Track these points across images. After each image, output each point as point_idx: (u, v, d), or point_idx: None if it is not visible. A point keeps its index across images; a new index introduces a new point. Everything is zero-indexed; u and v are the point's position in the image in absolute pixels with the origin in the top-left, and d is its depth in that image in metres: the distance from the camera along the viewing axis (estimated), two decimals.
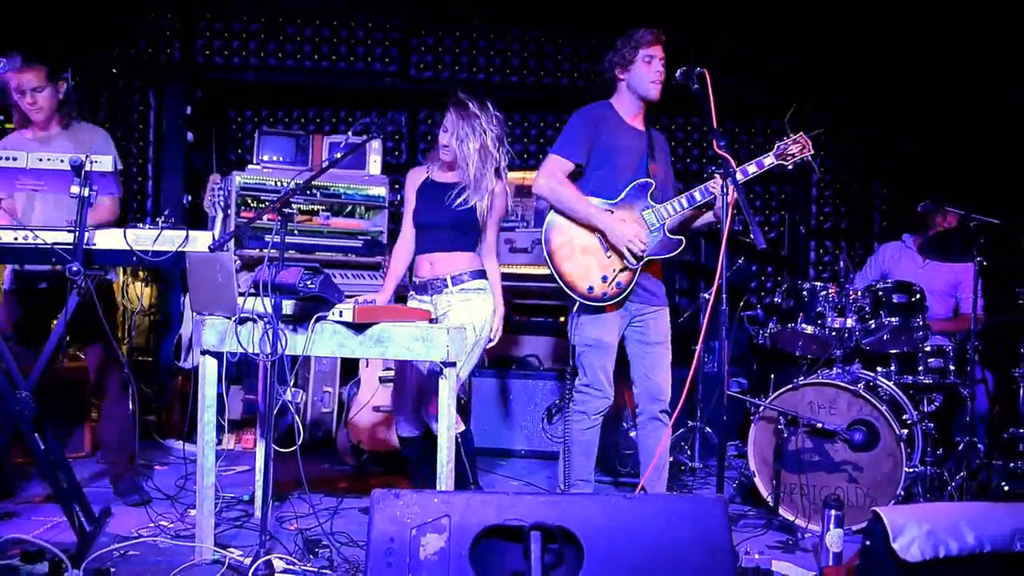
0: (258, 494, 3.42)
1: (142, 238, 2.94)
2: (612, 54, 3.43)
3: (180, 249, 2.94)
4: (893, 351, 4.08)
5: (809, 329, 4.01)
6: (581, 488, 3.43)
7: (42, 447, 2.91)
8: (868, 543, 2.55)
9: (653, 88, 3.35)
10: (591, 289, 3.33)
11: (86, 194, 2.84)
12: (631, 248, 3.27)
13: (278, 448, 3.09)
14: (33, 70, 3.51)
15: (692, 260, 5.52)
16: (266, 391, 2.88)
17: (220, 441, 4.57)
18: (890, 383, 3.89)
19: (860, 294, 3.98)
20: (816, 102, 5.73)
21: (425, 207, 3.48)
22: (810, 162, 3.31)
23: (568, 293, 3.33)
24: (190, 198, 5.68)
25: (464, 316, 3.33)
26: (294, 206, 4.98)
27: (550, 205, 3.40)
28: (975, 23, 5.22)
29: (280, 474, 3.37)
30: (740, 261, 5.11)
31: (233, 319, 2.83)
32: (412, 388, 3.50)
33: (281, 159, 5.17)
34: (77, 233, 2.82)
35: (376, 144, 5.28)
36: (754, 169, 3.26)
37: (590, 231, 3.35)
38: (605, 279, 3.32)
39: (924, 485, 3.73)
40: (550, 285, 5.23)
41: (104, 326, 3.08)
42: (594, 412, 3.42)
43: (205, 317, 2.93)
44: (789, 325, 4.09)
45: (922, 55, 5.58)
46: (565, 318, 5.26)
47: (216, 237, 2.91)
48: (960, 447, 3.87)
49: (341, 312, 2.80)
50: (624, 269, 3.32)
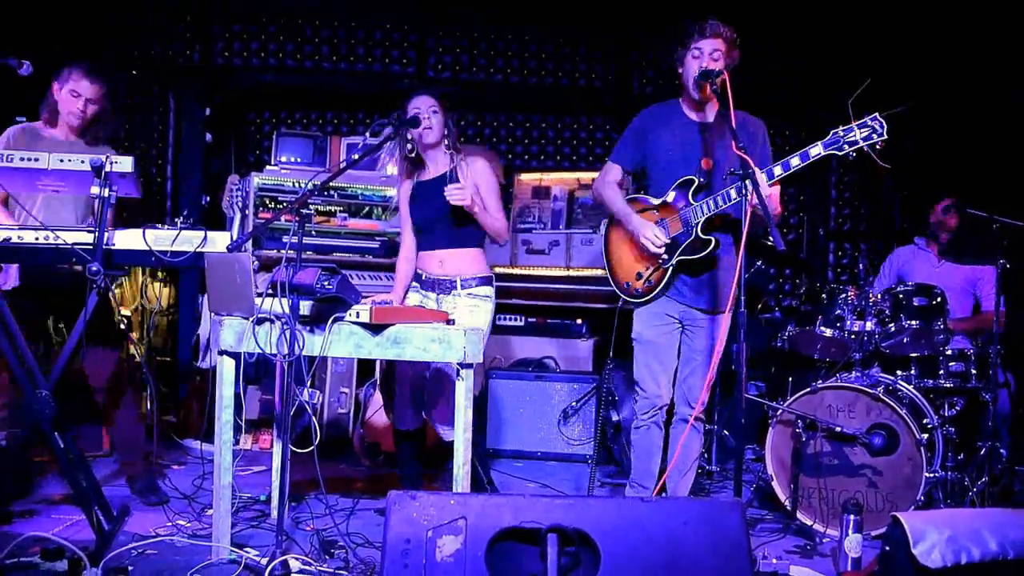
0: (275, 494, 3.43)
1: (161, 239, 2.96)
2: (674, 47, 3.34)
3: (198, 250, 2.95)
4: (913, 354, 4.04)
5: (828, 332, 3.98)
6: (637, 491, 3.43)
7: (61, 446, 2.93)
8: (888, 549, 2.53)
9: (692, 83, 3.26)
10: (627, 285, 3.43)
11: (106, 194, 2.86)
12: (646, 246, 3.29)
13: (295, 449, 3.09)
14: (98, 83, 3.60)
15: None
16: (283, 392, 2.89)
17: (237, 441, 4.59)
18: (910, 387, 3.85)
19: (880, 297, 3.95)
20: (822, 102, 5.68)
21: (420, 207, 3.55)
22: (874, 156, 3.02)
23: (617, 292, 3.50)
24: (209, 199, 5.72)
25: (469, 322, 3.38)
26: (311, 207, 4.99)
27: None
28: (994, 21, 5.17)
29: (297, 474, 3.38)
30: (759, 263, 5.08)
31: (251, 319, 2.84)
32: (407, 380, 3.55)
33: (299, 160, 5.19)
34: (97, 233, 2.84)
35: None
36: (797, 162, 3.08)
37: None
38: (640, 276, 3.39)
39: (945, 490, 3.68)
40: (567, 287, 5.28)
41: (119, 326, 3.09)
42: (641, 412, 3.41)
43: (223, 317, 2.94)
44: (808, 328, 4.06)
45: (941, 55, 5.53)
46: (582, 320, 5.29)
47: (234, 238, 2.93)
48: (982, 452, 3.83)
49: (358, 313, 2.81)
50: (656, 268, 3.34)
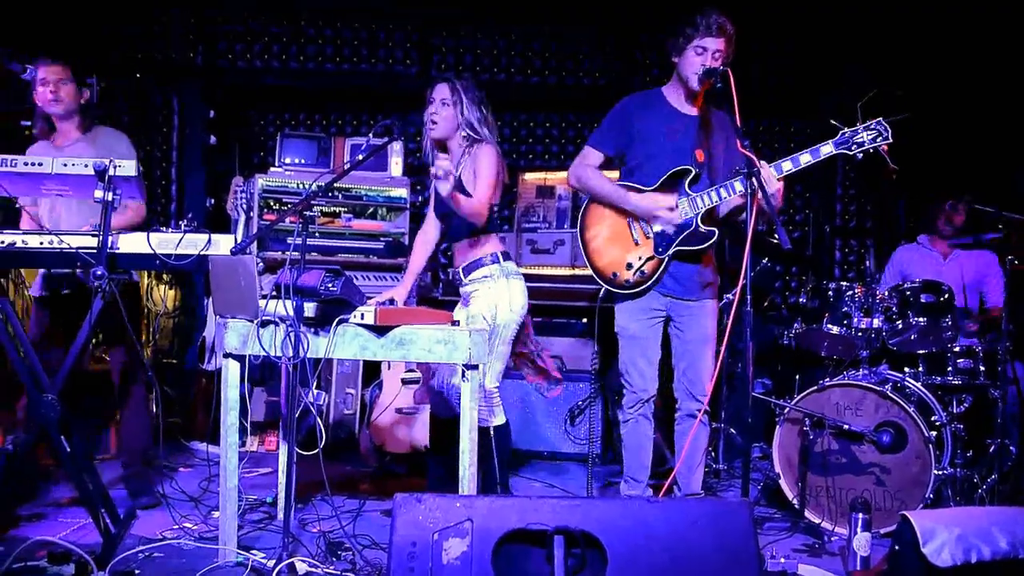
0: (281, 496, 3.43)
1: (165, 242, 2.96)
2: (672, 36, 3.31)
3: (202, 252, 2.95)
4: (921, 351, 4.02)
5: (835, 329, 3.96)
6: (632, 486, 3.41)
7: (68, 450, 2.93)
8: (897, 548, 2.51)
9: (695, 79, 3.23)
10: (615, 275, 3.35)
11: (110, 198, 2.86)
12: (658, 215, 3.23)
13: (301, 451, 3.09)
14: (59, 64, 3.59)
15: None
16: (288, 394, 2.89)
17: (243, 443, 4.60)
18: (918, 384, 3.83)
19: (887, 294, 3.93)
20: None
21: (439, 199, 3.42)
22: (883, 155, 3.04)
23: (597, 280, 3.40)
24: (213, 201, 5.72)
25: (473, 308, 3.31)
26: (316, 208, 4.99)
27: (588, 195, 3.45)
28: (1001, 18, 5.14)
29: (303, 476, 3.38)
30: (765, 261, 5.06)
31: (255, 322, 2.84)
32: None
33: (303, 161, 5.18)
34: (101, 237, 2.84)
35: (398, 146, 5.29)
36: (808, 158, 3.07)
37: (621, 218, 3.35)
38: (630, 266, 3.32)
39: (954, 488, 3.66)
40: (572, 286, 5.26)
41: (128, 328, 3.09)
42: (628, 405, 3.40)
43: (227, 320, 2.94)
44: (814, 325, 4.05)
45: (945, 50, 5.50)
46: (588, 319, 5.28)
47: (238, 240, 2.93)
48: (991, 449, 3.81)
49: (363, 315, 2.80)
50: (650, 258, 3.29)
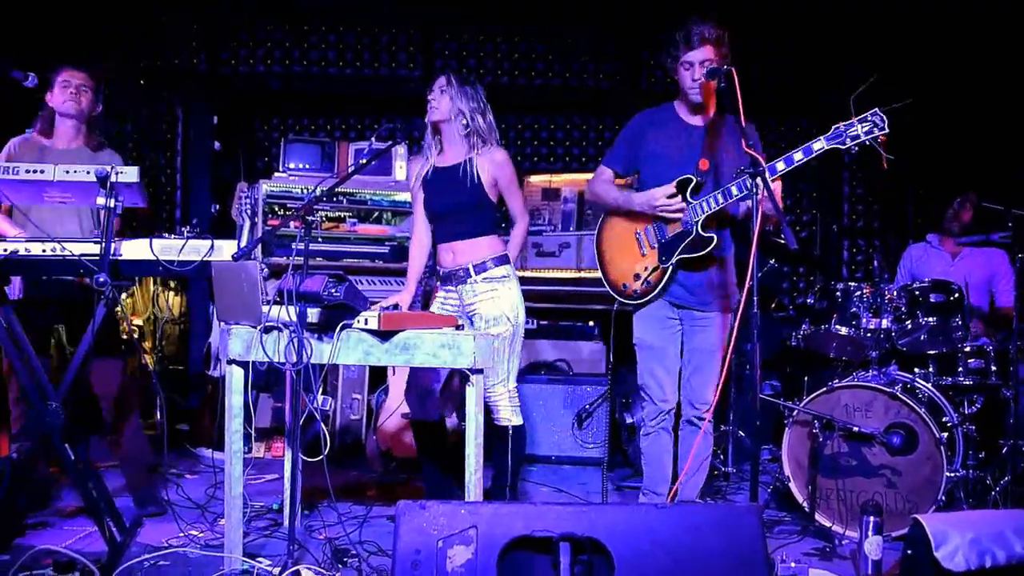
0: (287, 503, 3.41)
1: (168, 248, 2.95)
2: (665, 55, 3.34)
3: (205, 259, 2.94)
4: (931, 352, 3.98)
5: (843, 330, 3.92)
6: (651, 499, 3.39)
7: (72, 458, 2.92)
8: (910, 552, 2.48)
9: (691, 93, 3.26)
10: (625, 287, 3.40)
11: (112, 205, 2.85)
12: (663, 207, 3.24)
13: (306, 458, 3.07)
14: (85, 71, 3.62)
15: None
16: (292, 400, 2.87)
17: (249, 449, 4.58)
18: (928, 385, 3.79)
19: (896, 294, 3.89)
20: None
21: (435, 195, 3.39)
22: (878, 148, 2.99)
23: (609, 291, 3.47)
24: (218, 207, 5.72)
25: (494, 309, 3.25)
26: (320, 213, 4.98)
27: (603, 208, 3.53)
28: (1005, 14, 5.10)
29: (309, 482, 3.36)
30: (772, 262, 5.02)
31: (258, 328, 2.82)
32: (419, 373, 3.52)
33: (307, 166, 5.17)
34: (103, 244, 2.83)
35: (401, 149, 5.27)
36: (800, 156, 3.06)
37: (629, 230, 3.40)
38: (637, 277, 3.36)
39: (966, 490, 3.62)
40: (578, 289, 5.23)
41: (130, 337, 3.08)
42: (649, 418, 3.39)
43: (231, 326, 2.92)
44: (823, 326, 4.00)
45: (948, 47, 5.46)
46: (594, 322, 5.26)
47: (241, 246, 2.91)
48: (1004, 450, 3.77)
49: (366, 320, 2.78)
50: (656, 268, 3.31)
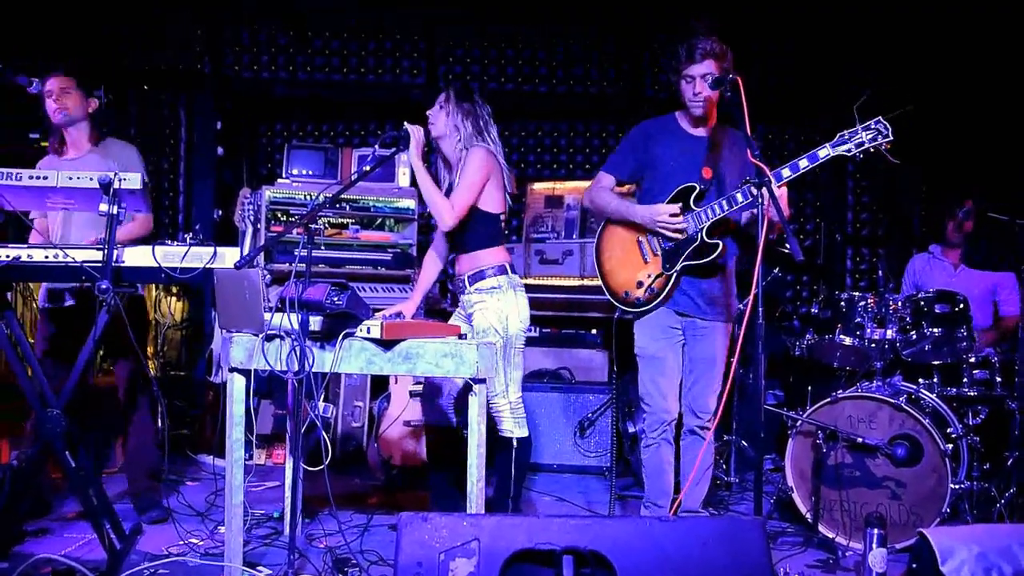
0: (287, 512, 3.40)
1: (170, 255, 2.94)
2: (668, 69, 3.36)
3: (208, 266, 2.93)
4: (936, 362, 3.96)
5: (848, 340, 3.91)
6: (653, 511, 3.37)
7: (73, 464, 2.91)
8: (915, 566, 2.47)
9: (693, 106, 3.27)
10: (627, 294, 3.37)
11: (115, 212, 2.84)
12: (664, 224, 3.22)
13: (307, 467, 3.06)
14: (60, 74, 3.59)
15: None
16: (294, 409, 2.86)
17: (250, 456, 4.57)
18: (933, 396, 3.77)
19: (901, 304, 3.88)
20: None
21: None
22: (884, 153, 3.01)
23: (612, 301, 3.43)
24: (220, 212, 5.72)
25: (482, 321, 3.27)
26: (323, 220, 4.97)
27: (600, 216, 3.50)
28: (1013, 20, 5.09)
29: (310, 489, 3.35)
30: (776, 271, 5.01)
31: (260, 336, 2.81)
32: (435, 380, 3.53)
33: (311, 173, 5.17)
34: (106, 251, 2.82)
35: (405, 156, 5.25)
36: (805, 163, 3.06)
37: (631, 237, 3.38)
38: (640, 284, 3.33)
39: (971, 502, 3.59)
40: (581, 297, 5.22)
41: (132, 342, 3.07)
42: (651, 429, 3.36)
43: (233, 334, 2.91)
44: (827, 336, 3.99)
45: (957, 53, 5.45)
46: (597, 330, 5.24)
47: (244, 253, 2.90)
48: (1009, 462, 3.74)
49: (369, 329, 2.77)
50: (659, 275, 3.29)
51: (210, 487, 4.07)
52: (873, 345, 3.86)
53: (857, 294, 3.97)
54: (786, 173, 3.07)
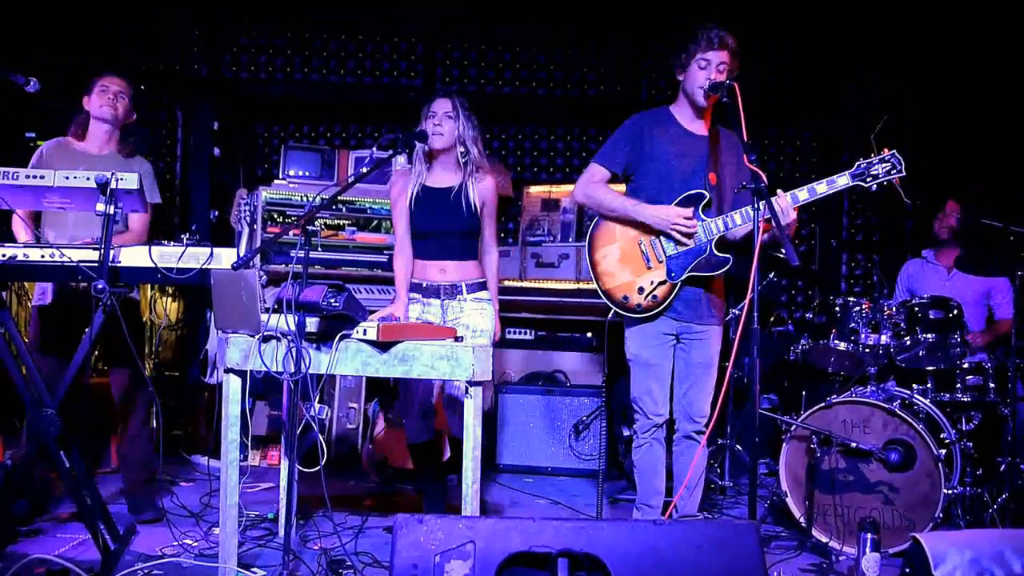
0: (282, 513, 3.40)
1: (167, 255, 2.94)
2: (675, 54, 3.26)
3: (204, 266, 2.93)
4: (929, 368, 3.98)
5: (842, 345, 3.92)
6: (645, 513, 3.35)
7: (67, 465, 2.91)
8: (908, 570, 2.48)
9: (699, 93, 3.18)
10: (626, 299, 3.27)
11: (111, 212, 2.84)
12: (678, 229, 3.16)
13: (302, 468, 3.06)
14: (124, 78, 3.70)
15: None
16: (290, 411, 2.86)
17: (245, 458, 4.57)
18: (927, 401, 3.79)
19: (895, 310, 3.89)
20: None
21: (428, 215, 3.46)
22: (896, 187, 3.00)
23: (607, 302, 3.32)
24: (217, 213, 5.71)
25: (483, 322, 3.44)
26: (320, 221, 4.98)
27: (596, 213, 3.38)
28: (1009, 28, 5.11)
29: (305, 491, 3.35)
30: (771, 276, 5.02)
31: (257, 337, 2.81)
32: (419, 393, 3.54)
33: (307, 174, 5.17)
34: (102, 251, 2.82)
35: (402, 159, 5.25)
36: (823, 188, 3.05)
37: (632, 239, 3.27)
38: (642, 291, 3.24)
39: (963, 507, 3.62)
40: (577, 300, 5.23)
41: (129, 344, 3.06)
42: (642, 431, 3.34)
43: (229, 335, 2.91)
44: (821, 341, 4.00)
45: (952, 61, 5.47)
46: (592, 333, 5.25)
47: (241, 254, 2.90)
48: (1001, 468, 3.76)
49: (365, 330, 2.77)
50: (663, 283, 3.23)
51: (204, 488, 4.06)
52: (867, 350, 3.88)
53: (852, 299, 3.98)
54: (803, 196, 3.06)
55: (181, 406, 5.36)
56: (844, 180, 3.06)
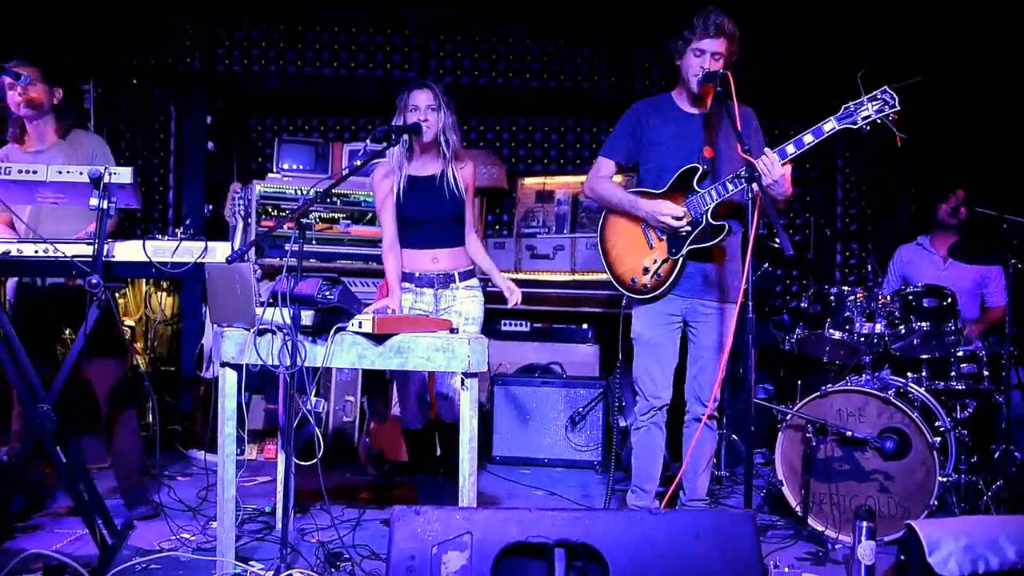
0: (279, 507, 3.40)
1: (161, 249, 2.93)
2: (673, 39, 3.28)
3: (199, 260, 2.93)
4: (924, 356, 3.99)
5: (837, 335, 3.93)
6: (639, 496, 3.38)
7: (63, 460, 2.91)
8: (903, 558, 2.49)
9: (694, 81, 3.20)
10: (633, 281, 3.34)
11: (105, 206, 2.84)
12: (665, 221, 3.20)
13: (299, 461, 3.06)
14: (25, 66, 3.38)
15: None
16: (286, 404, 2.86)
17: (242, 452, 4.57)
18: (921, 389, 3.80)
19: (889, 298, 3.90)
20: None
21: (417, 203, 3.48)
22: (890, 125, 2.98)
23: (619, 288, 3.40)
24: (211, 207, 5.69)
25: (475, 309, 3.51)
26: (314, 215, 4.97)
27: (603, 206, 3.47)
28: (1001, 19, 5.11)
29: (302, 484, 3.36)
30: (766, 265, 5.03)
31: (252, 331, 2.80)
32: (415, 380, 3.56)
33: (301, 167, 5.16)
34: (97, 245, 2.81)
35: (396, 151, 5.25)
36: (810, 139, 3.04)
37: (635, 224, 3.34)
38: (647, 271, 3.30)
39: (958, 494, 3.63)
40: (572, 292, 5.24)
41: (121, 337, 3.05)
42: (641, 413, 3.36)
43: (224, 329, 2.91)
44: (816, 330, 4.01)
45: (947, 49, 5.47)
46: (588, 325, 5.25)
47: (235, 248, 2.89)
48: (996, 455, 3.77)
49: (360, 323, 2.77)
50: (665, 261, 3.27)
51: (201, 482, 4.06)
52: (862, 339, 3.89)
53: (846, 288, 3.99)
54: (791, 149, 3.04)
55: (177, 401, 5.36)
56: (831, 125, 3.04)
